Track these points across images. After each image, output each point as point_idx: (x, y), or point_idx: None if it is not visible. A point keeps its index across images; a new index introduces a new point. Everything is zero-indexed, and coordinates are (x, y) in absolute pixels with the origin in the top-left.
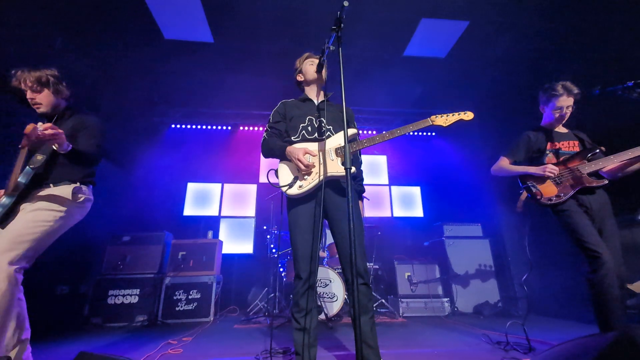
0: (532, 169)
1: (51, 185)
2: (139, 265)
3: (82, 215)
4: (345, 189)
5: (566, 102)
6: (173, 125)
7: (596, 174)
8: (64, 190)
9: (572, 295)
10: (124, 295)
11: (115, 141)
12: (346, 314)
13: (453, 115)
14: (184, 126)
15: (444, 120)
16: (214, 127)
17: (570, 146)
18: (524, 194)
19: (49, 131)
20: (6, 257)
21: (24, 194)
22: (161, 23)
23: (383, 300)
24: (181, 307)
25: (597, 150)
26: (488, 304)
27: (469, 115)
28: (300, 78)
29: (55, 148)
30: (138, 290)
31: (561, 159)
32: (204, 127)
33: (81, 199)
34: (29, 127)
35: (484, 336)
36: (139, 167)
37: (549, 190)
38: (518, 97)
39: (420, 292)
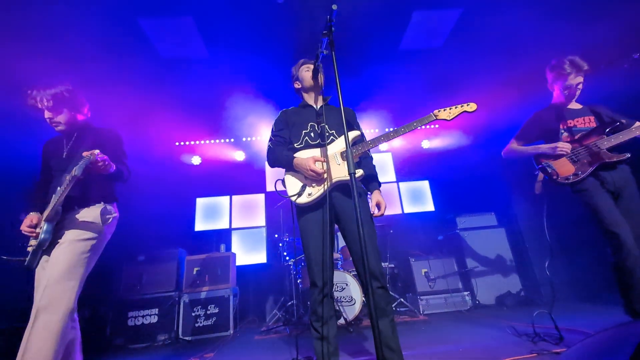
0: (542, 148)
1: (77, 207)
2: (156, 284)
3: (111, 234)
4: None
5: (575, 80)
6: (177, 143)
7: (617, 148)
8: (93, 213)
9: (597, 278)
10: (143, 316)
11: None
12: (366, 317)
13: (456, 107)
14: (187, 142)
15: (447, 114)
16: (217, 141)
17: (586, 122)
18: (541, 175)
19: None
20: (68, 299)
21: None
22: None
23: (402, 299)
24: (201, 323)
25: (617, 124)
26: (510, 294)
27: (472, 107)
28: (297, 85)
29: (100, 171)
30: (157, 310)
31: (577, 136)
32: (207, 141)
33: (109, 220)
34: (92, 154)
35: (510, 328)
36: (148, 186)
37: (565, 169)
38: (523, 80)
39: (439, 288)
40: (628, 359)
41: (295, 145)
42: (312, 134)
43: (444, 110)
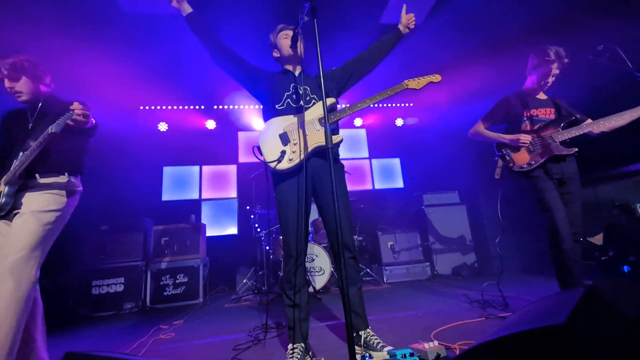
0: (506, 138)
1: (39, 175)
2: (121, 254)
3: (74, 207)
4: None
5: (554, 70)
6: (142, 107)
7: (568, 142)
8: (56, 184)
9: (540, 253)
10: (108, 285)
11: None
12: (334, 285)
13: (424, 78)
14: (153, 107)
15: (416, 83)
16: (186, 107)
17: (547, 114)
18: (500, 162)
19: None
20: (30, 269)
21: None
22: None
23: (368, 270)
24: (169, 291)
25: (572, 118)
26: (465, 265)
27: (437, 78)
28: (276, 54)
29: (81, 124)
30: (123, 279)
31: (536, 126)
32: (175, 107)
33: (74, 193)
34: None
35: (463, 296)
36: (110, 153)
37: (521, 157)
38: (498, 61)
39: (403, 259)
40: (565, 320)
41: (277, 106)
42: (294, 96)
43: (413, 80)
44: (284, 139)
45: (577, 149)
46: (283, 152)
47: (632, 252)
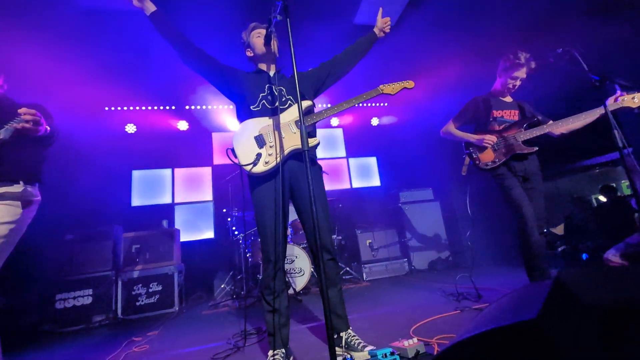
0: (472, 138)
1: None
2: (89, 264)
3: (30, 219)
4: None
5: (522, 74)
6: (107, 108)
7: (530, 142)
8: (11, 194)
9: (508, 245)
10: (74, 298)
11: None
12: (314, 286)
13: (398, 84)
14: (119, 108)
15: (391, 88)
16: (156, 108)
17: (512, 115)
18: (467, 159)
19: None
20: None
21: None
22: None
23: (347, 268)
24: (142, 301)
25: (535, 119)
26: (440, 259)
27: (410, 84)
28: (249, 53)
29: (30, 132)
30: (91, 290)
31: (501, 127)
32: (144, 107)
33: (30, 204)
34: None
35: (439, 290)
36: (74, 157)
37: (486, 156)
38: (467, 63)
39: (381, 257)
40: (537, 312)
41: (251, 107)
42: (269, 97)
43: (388, 85)
44: (260, 141)
45: (537, 148)
46: (259, 155)
47: (589, 240)
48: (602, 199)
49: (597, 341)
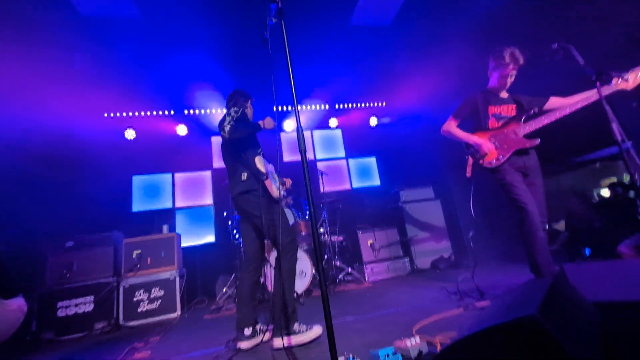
0: (472, 140)
1: None
2: (89, 271)
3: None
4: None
5: (511, 72)
6: (106, 115)
7: (530, 135)
8: None
9: (510, 242)
10: (76, 305)
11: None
12: (316, 287)
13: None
14: (118, 114)
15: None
16: (155, 113)
17: (509, 110)
18: (470, 160)
19: None
20: None
21: None
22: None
23: (350, 269)
24: (144, 307)
25: (531, 112)
26: (443, 258)
27: None
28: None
29: None
30: (92, 297)
31: (500, 123)
32: (143, 113)
33: None
34: None
35: (442, 289)
36: (74, 163)
37: (489, 155)
38: (465, 60)
39: (383, 256)
40: (536, 310)
41: None
42: None
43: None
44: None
45: (539, 140)
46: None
47: (591, 235)
48: (605, 193)
49: (594, 332)
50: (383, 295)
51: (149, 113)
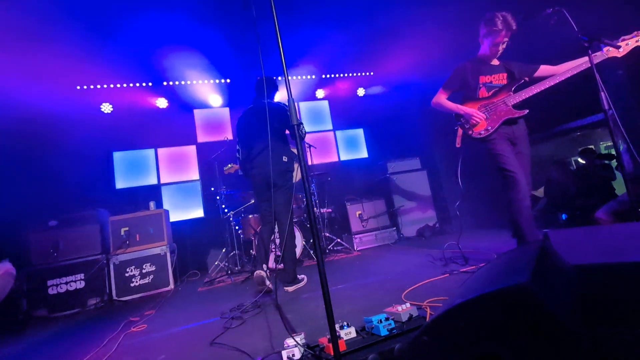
0: (462, 110)
1: None
2: (77, 249)
3: None
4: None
5: (504, 38)
6: (79, 87)
7: (519, 105)
8: None
9: (493, 209)
10: (67, 283)
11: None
12: (306, 258)
13: None
14: (92, 86)
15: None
16: (132, 85)
17: (500, 79)
18: (460, 130)
19: None
20: None
21: None
22: None
23: (339, 240)
24: (136, 282)
25: (522, 81)
26: (428, 226)
27: None
28: None
29: None
30: (82, 274)
31: (490, 92)
32: (119, 85)
33: None
34: None
35: (428, 255)
36: (49, 140)
37: (479, 125)
38: (455, 29)
39: (371, 227)
40: (530, 274)
41: None
42: None
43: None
44: None
45: (527, 110)
46: None
47: (568, 202)
48: (581, 161)
49: (577, 295)
50: (372, 263)
51: (125, 85)
